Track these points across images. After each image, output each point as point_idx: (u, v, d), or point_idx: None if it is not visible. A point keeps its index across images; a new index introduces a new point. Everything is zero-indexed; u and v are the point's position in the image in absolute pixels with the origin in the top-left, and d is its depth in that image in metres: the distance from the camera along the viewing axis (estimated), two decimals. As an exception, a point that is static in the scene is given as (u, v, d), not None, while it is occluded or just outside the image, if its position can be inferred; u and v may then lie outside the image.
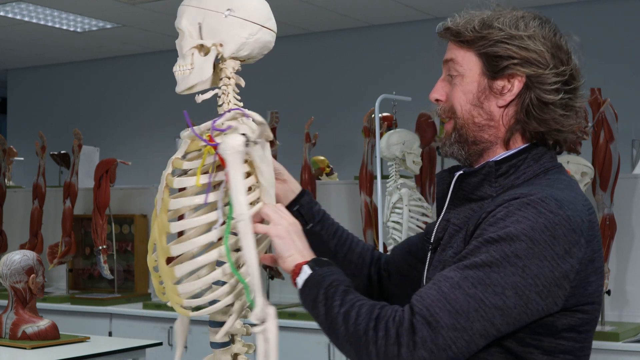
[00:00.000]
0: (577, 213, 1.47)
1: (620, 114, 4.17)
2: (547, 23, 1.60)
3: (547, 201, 1.44)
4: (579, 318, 1.49)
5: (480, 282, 1.40)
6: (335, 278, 1.53)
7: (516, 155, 1.56)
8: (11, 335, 3.69)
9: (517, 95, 1.55)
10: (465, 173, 1.59)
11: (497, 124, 1.58)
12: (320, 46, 7.70)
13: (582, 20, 6.51)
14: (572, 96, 1.58)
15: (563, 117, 1.57)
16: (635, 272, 4.26)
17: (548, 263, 1.41)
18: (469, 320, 1.39)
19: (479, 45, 1.57)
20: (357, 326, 1.44)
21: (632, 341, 3.92)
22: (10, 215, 6.19)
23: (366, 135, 4.70)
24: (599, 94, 4.09)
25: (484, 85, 1.57)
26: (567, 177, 1.58)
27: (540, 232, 1.41)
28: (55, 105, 9.29)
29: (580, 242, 1.45)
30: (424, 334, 1.38)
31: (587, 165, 3.99)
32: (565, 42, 1.60)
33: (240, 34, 1.74)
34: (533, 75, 1.54)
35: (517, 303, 1.40)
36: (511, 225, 1.42)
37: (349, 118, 6.98)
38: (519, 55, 1.54)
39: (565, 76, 1.56)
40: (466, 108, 1.59)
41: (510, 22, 1.57)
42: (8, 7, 6.81)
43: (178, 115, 7.90)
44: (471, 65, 1.58)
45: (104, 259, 5.28)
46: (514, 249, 1.40)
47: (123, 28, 7.55)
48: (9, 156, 6.39)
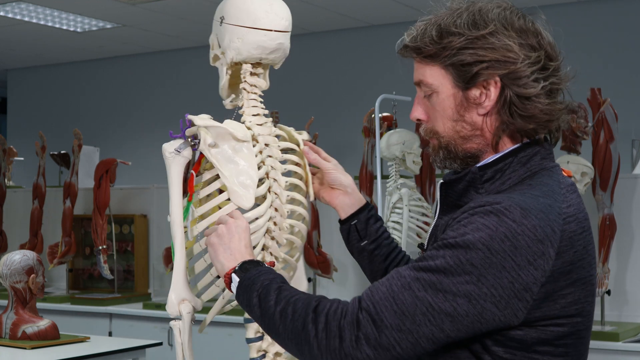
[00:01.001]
0: (547, 223, 1.38)
1: (620, 114, 4.17)
2: (507, 9, 1.50)
3: (512, 209, 1.36)
4: (551, 331, 1.41)
5: (431, 286, 1.35)
6: (265, 278, 1.51)
7: (502, 159, 1.49)
8: (11, 335, 3.69)
9: (497, 99, 1.47)
10: (447, 181, 1.54)
11: (482, 131, 1.50)
12: (320, 46, 7.70)
13: (582, 20, 6.51)
14: (555, 79, 1.49)
15: (550, 104, 1.48)
16: (635, 272, 4.26)
17: (507, 274, 1.34)
18: (415, 323, 1.35)
19: (442, 57, 1.48)
20: (294, 322, 1.41)
21: (632, 341, 3.92)
22: (10, 215, 6.19)
23: (366, 135, 4.70)
24: (599, 94, 4.08)
25: (460, 97, 1.49)
26: (552, 182, 1.48)
27: (500, 242, 1.35)
28: (55, 105, 9.29)
29: (547, 253, 1.37)
30: (367, 331, 1.36)
31: (587, 165, 3.99)
32: (532, 24, 1.50)
33: (233, 39, 1.80)
34: (507, 73, 1.45)
35: (469, 312, 1.35)
36: (470, 233, 1.36)
37: (349, 118, 6.98)
38: (486, 57, 1.45)
39: (540, 62, 1.47)
40: (449, 125, 1.51)
41: (468, 22, 1.47)
42: (8, 7, 6.81)
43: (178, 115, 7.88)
44: (441, 80, 1.50)
45: (104, 259, 5.28)
46: (469, 257, 1.35)
47: (123, 28, 7.55)
48: (9, 156, 6.39)
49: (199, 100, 8.16)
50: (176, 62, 8.46)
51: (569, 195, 1.48)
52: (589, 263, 1.46)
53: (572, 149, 4.08)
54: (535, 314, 1.39)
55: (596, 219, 4.18)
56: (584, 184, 3.97)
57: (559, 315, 1.41)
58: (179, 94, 8.44)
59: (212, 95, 1.92)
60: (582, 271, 1.44)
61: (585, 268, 1.44)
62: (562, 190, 1.47)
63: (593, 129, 4.08)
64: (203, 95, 8.42)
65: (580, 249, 1.44)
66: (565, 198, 1.46)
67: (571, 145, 4.08)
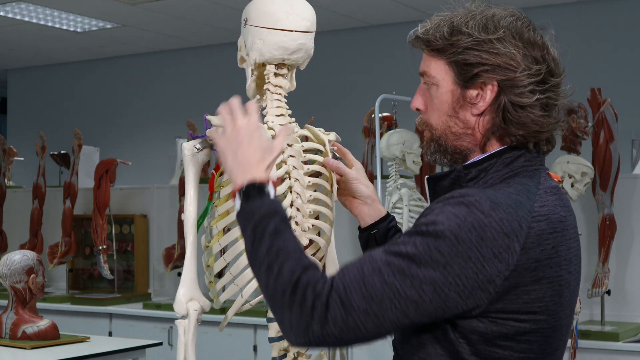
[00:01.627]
0: (515, 218, 1.42)
1: (620, 114, 4.17)
2: (520, 19, 1.55)
3: (481, 201, 1.41)
4: (512, 326, 1.44)
5: (399, 272, 1.39)
6: (264, 214, 1.47)
7: (487, 159, 1.53)
8: (11, 335, 3.69)
9: (491, 102, 1.51)
10: (433, 177, 1.58)
11: (474, 131, 1.55)
12: (320, 46, 7.69)
13: (582, 20, 6.51)
14: (552, 94, 1.53)
15: (543, 117, 1.52)
16: (635, 272, 4.26)
17: (472, 264, 1.38)
18: (382, 307, 1.39)
19: (448, 54, 1.53)
20: (276, 284, 1.42)
21: (632, 341, 3.92)
22: (10, 215, 6.19)
23: (366, 135, 4.70)
24: (599, 94, 4.08)
25: (458, 94, 1.54)
26: (531, 183, 1.51)
27: (467, 232, 1.39)
28: (55, 105, 9.29)
29: (512, 247, 1.40)
30: (335, 313, 1.39)
31: (587, 165, 3.99)
32: (540, 37, 1.55)
33: (255, 40, 1.84)
34: (505, 79, 1.50)
35: (433, 299, 1.39)
36: (440, 222, 1.40)
37: (349, 118, 6.98)
38: (488, 61, 1.50)
39: (540, 75, 1.51)
40: (442, 119, 1.56)
41: (479, 25, 1.52)
42: (8, 7, 6.81)
43: (178, 115, 7.90)
44: (443, 75, 1.55)
45: (104, 259, 5.28)
46: (437, 245, 1.39)
47: (123, 28, 7.55)
48: (9, 156, 6.39)
49: (199, 100, 8.18)
50: (176, 62, 8.46)
51: (547, 197, 1.50)
52: (558, 263, 1.47)
53: (572, 149, 4.08)
54: (497, 305, 1.42)
55: (596, 219, 4.18)
56: (584, 184, 3.97)
57: (519, 310, 1.43)
58: (179, 94, 8.44)
59: (212, 95, 1.91)
60: (549, 270, 1.46)
61: (553, 268, 1.46)
62: (539, 191, 1.50)
63: (593, 129, 4.08)
64: (203, 95, 8.44)
65: (549, 248, 1.45)
66: (541, 198, 1.49)
67: (571, 145, 4.08)
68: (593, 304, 4.29)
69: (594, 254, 4.21)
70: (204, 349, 4.69)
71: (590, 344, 3.91)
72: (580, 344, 3.87)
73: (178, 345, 1.91)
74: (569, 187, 3.96)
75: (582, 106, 4.05)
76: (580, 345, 3.87)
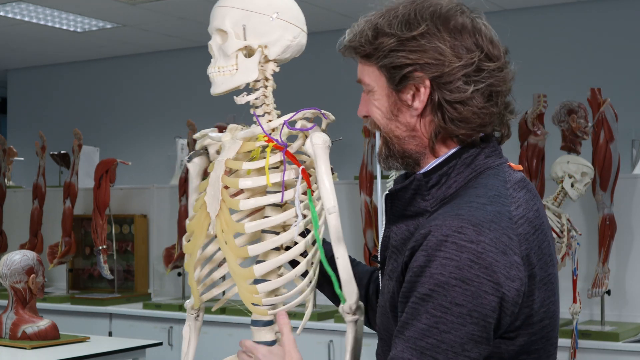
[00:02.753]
0: (502, 232, 1.35)
1: (620, 114, 4.17)
2: (445, 6, 1.45)
3: (464, 230, 1.32)
4: (525, 340, 1.39)
5: (438, 352, 1.31)
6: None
7: (445, 162, 1.45)
8: (11, 335, 3.69)
9: (427, 101, 1.44)
10: (392, 192, 1.50)
11: (418, 133, 1.47)
12: (320, 46, 7.69)
13: (582, 20, 6.51)
14: (493, 80, 1.43)
15: (486, 107, 1.43)
16: (635, 272, 4.26)
17: (492, 297, 1.31)
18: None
19: (376, 58, 1.47)
20: None
21: (632, 341, 3.92)
22: (10, 215, 6.19)
23: (366, 135, 4.70)
24: (599, 94, 4.08)
25: (394, 97, 1.47)
26: (498, 182, 1.43)
27: (469, 269, 1.30)
28: (55, 105, 9.29)
29: (514, 262, 1.34)
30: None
31: (587, 165, 3.98)
32: (470, 20, 1.45)
33: (286, 36, 1.79)
34: (436, 77, 1.42)
35: (479, 349, 1.32)
36: (436, 272, 1.31)
37: (349, 118, 6.98)
38: (414, 60, 1.42)
39: (473, 64, 1.41)
40: (384, 123, 1.50)
41: (402, 22, 1.44)
42: (8, 7, 6.81)
43: (178, 115, 7.90)
44: (376, 80, 1.49)
45: (104, 259, 5.28)
46: (451, 299, 1.30)
47: (123, 28, 7.55)
48: (9, 156, 6.39)
49: (199, 100, 8.18)
50: (176, 62, 8.46)
51: (516, 194, 1.44)
52: (546, 262, 1.42)
53: (572, 149, 4.08)
54: (516, 323, 1.38)
55: (596, 219, 4.18)
56: (584, 184, 3.97)
57: (532, 322, 1.39)
58: (179, 94, 8.44)
59: (212, 95, 1.89)
60: (541, 272, 1.41)
61: (543, 268, 1.41)
62: (508, 191, 1.43)
63: (593, 129, 4.07)
64: (203, 95, 8.43)
65: (536, 249, 1.40)
66: (513, 198, 1.42)
67: (571, 145, 4.08)
68: (593, 304, 4.29)
69: (594, 254, 4.21)
70: (204, 349, 4.69)
71: (590, 344, 3.91)
72: (580, 344, 3.87)
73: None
74: (569, 187, 3.95)
75: (582, 106, 4.05)
76: (580, 345, 3.87)
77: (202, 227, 1.78)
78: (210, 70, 1.80)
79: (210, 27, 1.81)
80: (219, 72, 1.80)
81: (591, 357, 3.93)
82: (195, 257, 1.80)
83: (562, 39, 6.55)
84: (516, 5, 6.53)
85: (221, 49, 1.79)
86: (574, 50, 6.49)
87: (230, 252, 1.71)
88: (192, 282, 1.83)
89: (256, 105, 1.82)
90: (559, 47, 6.53)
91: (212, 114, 5.73)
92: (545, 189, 4.22)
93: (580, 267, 4.18)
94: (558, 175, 4.00)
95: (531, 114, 4.17)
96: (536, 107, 4.17)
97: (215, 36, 1.80)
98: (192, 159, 1.87)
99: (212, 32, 1.80)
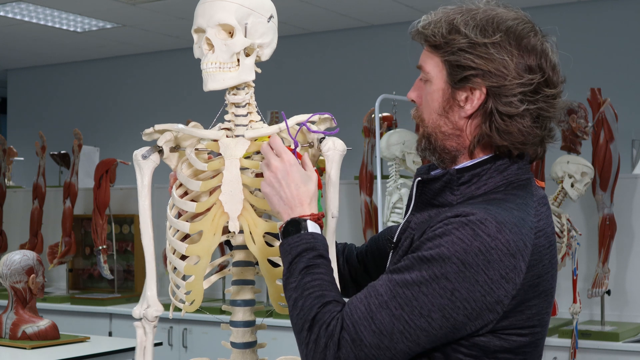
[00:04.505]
0: (520, 237, 1.41)
1: (620, 114, 4.17)
2: (522, 23, 1.51)
3: (487, 223, 1.39)
4: (514, 341, 1.45)
5: (407, 304, 1.38)
6: (301, 250, 1.51)
7: (480, 164, 1.51)
8: (11, 335, 3.69)
9: (479, 107, 1.49)
10: (425, 179, 1.55)
11: (463, 133, 1.52)
12: (320, 46, 7.70)
13: (583, 20, 6.51)
14: (544, 105, 1.49)
15: (531, 128, 1.49)
16: (635, 272, 4.26)
17: (480, 287, 1.38)
18: (393, 341, 1.39)
19: (443, 52, 1.51)
20: (298, 319, 1.46)
21: (632, 341, 3.92)
22: (10, 215, 6.19)
23: (366, 135, 4.70)
24: (599, 94, 4.09)
25: (448, 94, 1.52)
26: (526, 194, 1.50)
27: (474, 256, 1.38)
28: (55, 105, 9.29)
29: (519, 267, 1.40)
30: (347, 350, 1.40)
31: (587, 165, 3.99)
32: (541, 44, 1.52)
33: (274, 40, 1.81)
34: (494, 86, 1.47)
35: (443, 325, 1.39)
36: (445, 245, 1.39)
37: (349, 118, 6.98)
38: (479, 65, 1.47)
39: (532, 85, 1.47)
40: (433, 117, 1.54)
41: (478, 26, 1.48)
42: (8, 7, 6.81)
43: (178, 115, 7.89)
44: (437, 72, 1.53)
45: (104, 259, 5.28)
46: (444, 271, 1.38)
47: (123, 28, 7.55)
48: (9, 156, 6.39)
49: (199, 100, 8.17)
50: (176, 62, 8.46)
51: (540, 208, 1.51)
52: (552, 276, 1.49)
53: (572, 149, 4.08)
54: (502, 323, 1.43)
55: (596, 219, 4.18)
56: (584, 184, 3.97)
57: (522, 326, 1.45)
58: (179, 94, 8.44)
59: (212, 95, 1.89)
60: (546, 284, 1.47)
61: (548, 281, 1.48)
62: (534, 203, 1.50)
63: (593, 129, 4.08)
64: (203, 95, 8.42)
65: (547, 262, 1.47)
66: (537, 211, 1.49)
67: (571, 145, 4.08)
68: (593, 304, 4.29)
69: (594, 254, 4.21)
70: (204, 348, 4.69)
71: (590, 344, 3.91)
72: (580, 344, 3.88)
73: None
74: (569, 187, 3.96)
75: (582, 106, 4.06)
76: (580, 345, 3.88)
77: (215, 227, 1.75)
78: (209, 66, 1.77)
79: (207, 20, 1.76)
80: (219, 68, 1.77)
81: (591, 357, 3.93)
82: (207, 259, 1.77)
83: (562, 39, 6.54)
84: (516, 5, 6.52)
85: (225, 45, 1.75)
86: (574, 50, 6.48)
87: (259, 252, 1.72)
88: (198, 285, 1.80)
89: (240, 105, 1.80)
90: (559, 47, 6.52)
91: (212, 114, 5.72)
92: (545, 189, 4.22)
93: (580, 267, 4.18)
94: (558, 175, 4.00)
95: (531, 114, 4.17)
96: (536, 107, 4.17)
97: (214, 30, 1.75)
98: (149, 157, 1.86)
99: (209, 26, 1.75)
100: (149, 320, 1.87)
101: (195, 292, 1.81)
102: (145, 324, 1.87)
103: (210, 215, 1.76)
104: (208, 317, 4.58)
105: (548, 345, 3.99)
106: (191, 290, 1.81)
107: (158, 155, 1.85)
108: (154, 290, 1.86)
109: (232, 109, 1.81)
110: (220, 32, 1.76)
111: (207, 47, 1.78)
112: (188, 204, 1.81)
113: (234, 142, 1.77)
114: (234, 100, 1.79)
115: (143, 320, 1.87)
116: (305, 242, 1.52)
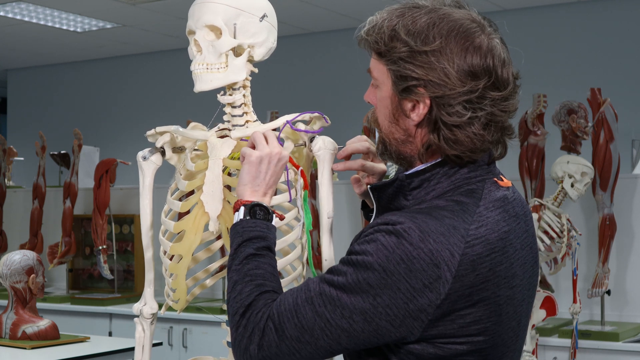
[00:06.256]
0: (447, 246, 1.38)
1: (620, 114, 4.17)
2: (468, 22, 1.45)
3: (410, 232, 1.38)
4: (449, 349, 1.42)
5: (330, 302, 1.41)
6: (253, 236, 1.54)
7: (429, 169, 1.48)
8: (11, 335, 3.69)
9: (424, 117, 1.46)
10: (376, 186, 1.55)
11: (414, 139, 1.50)
12: (320, 46, 7.70)
13: (583, 20, 6.51)
14: (494, 110, 1.44)
15: (481, 135, 1.44)
16: (635, 272, 4.26)
17: (402, 295, 1.38)
18: (314, 336, 1.42)
19: (386, 60, 1.48)
20: (234, 302, 1.48)
21: (632, 341, 3.92)
22: (10, 215, 6.19)
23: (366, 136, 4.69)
24: (599, 94, 4.09)
25: (396, 103, 1.49)
26: (469, 200, 1.45)
27: (396, 264, 1.38)
28: (55, 105, 9.29)
29: (443, 277, 1.37)
30: (270, 339, 1.43)
31: (587, 165, 3.98)
32: (487, 42, 1.45)
33: (270, 39, 1.82)
34: (437, 96, 1.43)
35: (364, 328, 1.40)
36: (370, 252, 1.40)
37: (349, 118, 6.98)
38: (421, 76, 1.43)
39: (477, 92, 1.42)
40: (385, 124, 1.52)
41: (418, 32, 1.44)
42: (8, 7, 6.81)
43: (178, 116, 7.89)
44: (384, 79, 1.50)
45: (104, 259, 5.28)
46: (366, 277, 1.39)
47: (123, 28, 7.55)
48: (9, 156, 6.39)
49: (199, 100, 8.17)
50: (176, 62, 8.45)
51: (487, 213, 1.45)
52: (496, 284, 1.43)
53: (572, 149, 4.08)
54: (432, 331, 1.41)
55: (596, 219, 4.18)
56: (584, 184, 3.97)
57: (456, 334, 1.42)
58: (179, 94, 8.44)
59: (212, 95, 1.89)
60: (485, 293, 1.42)
61: (490, 289, 1.42)
62: (478, 209, 1.44)
63: (593, 129, 4.08)
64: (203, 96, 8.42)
65: (485, 271, 1.41)
66: (480, 218, 1.43)
67: (571, 145, 4.08)
68: (593, 304, 4.29)
69: (594, 254, 4.21)
70: (204, 348, 4.69)
71: (590, 344, 3.91)
72: (580, 344, 3.88)
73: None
74: (569, 187, 3.96)
75: (582, 106, 4.05)
76: (580, 345, 3.88)
77: (196, 227, 1.78)
78: (197, 67, 1.79)
79: (195, 22, 1.78)
80: (207, 69, 1.78)
81: (591, 357, 3.93)
82: (188, 258, 1.81)
83: (562, 39, 6.55)
84: (516, 5, 6.52)
85: (212, 46, 1.77)
86: (574, 50, 6.49)
87: None
88: (181, 284, 1.82)
89: (236, 105, 1.81)
90: (559, 47, 6.53)
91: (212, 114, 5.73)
92: (545, 189, 4.22)
93: (580, 267, 4.18)
94: (558, 175, 4.00)
95: (531, 114, 4.17)
96: (536, 107, 4.17)
97: (202, 32, 1.77)
98: (148, 158, 1.87)
99: (197, 28, 1.78)
100: (145, 317, 1.94)
101: (180, 290, 1.84)
102: (142, 321, 1.94)
103: (192, 215, 1.80)
104: (208, 317, 4.58)
105: (548, 345, 4.00)
106: (176, 288, 1.84)
107: (160, 156, 1.86)
108: (151, 288, 1.89)
109: (228, 109, 1.83)
110: (208, 34, 1.78)
111: (196, 49, 1.79)
112: (175, 203, 1.84)
113: (220, 143, 1.79)
114: (227, 100, 1.81)
115: (140, 317, 1.94)
116: (259, 229, 1.55)
